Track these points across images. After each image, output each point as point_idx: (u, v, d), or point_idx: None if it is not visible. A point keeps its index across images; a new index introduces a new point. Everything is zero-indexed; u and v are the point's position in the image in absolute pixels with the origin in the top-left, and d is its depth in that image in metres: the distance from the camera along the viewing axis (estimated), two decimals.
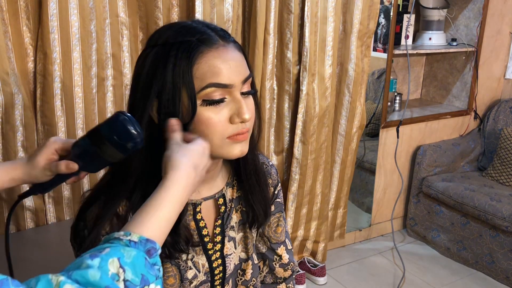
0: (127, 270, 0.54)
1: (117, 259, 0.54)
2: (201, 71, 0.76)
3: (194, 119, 0.77)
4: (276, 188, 1.05)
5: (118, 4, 1.69)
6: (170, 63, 0.76)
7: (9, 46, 1.52)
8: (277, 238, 1.08)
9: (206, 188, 0.91)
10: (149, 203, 0.64)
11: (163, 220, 0.63)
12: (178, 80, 0.75)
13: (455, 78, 2.92)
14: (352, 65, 2.21)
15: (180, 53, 0.76)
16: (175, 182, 0.67)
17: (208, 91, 0.76)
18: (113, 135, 0.72)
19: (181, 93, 0.76)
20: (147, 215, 0.62)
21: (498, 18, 2.82)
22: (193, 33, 0.78)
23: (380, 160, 2.71)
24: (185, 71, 0.75)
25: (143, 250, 0.57)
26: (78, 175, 0.82)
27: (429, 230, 2.77)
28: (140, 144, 0.73)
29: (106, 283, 0.52)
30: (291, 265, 1.10)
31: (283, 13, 1.99)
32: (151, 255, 0.58)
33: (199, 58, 0.76)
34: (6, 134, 1.58)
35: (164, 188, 0.66)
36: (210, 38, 0.77)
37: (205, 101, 0.76)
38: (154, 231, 0.61)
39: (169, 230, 0.66)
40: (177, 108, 0.76)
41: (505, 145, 2.71)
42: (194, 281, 0.91)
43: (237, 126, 0.79)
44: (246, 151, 0.82)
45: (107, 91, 1.75)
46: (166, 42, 0.77)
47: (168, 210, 0.65)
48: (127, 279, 0.54)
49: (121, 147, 0.73)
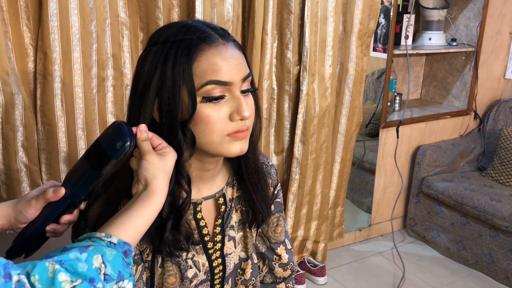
0: (107, 266, 0.63)
1: (100, 256, 0.63)
2: (201, 69, 0.76)
3: (194, 116, 0.77)
4: (276, 188, 1.05)
5: (118, 4, 1.69)
6: (170, 60, 0.76)
7: (9, 46, 1.52)
8: (277, 237, 1.08)
9: (206, 187, 0.91)
10: (130, 211, 0.72)
11: (139, 228, 0.71)
12: (178, 78, 0.76)
13: (455, 78, 2.92)
14: (353, 64, 2.21)
15: (180, 50, 0.76)
16: (155, 196, 0.74)
17: (208, 88, 0.76)
18: (107, 138, 0.74)
19: (181, 90, 0.76)
20: (125, 221, 0.70)
21: (498, 18, 2.82)
22: (193, 31, 0.78)
23: (380, 160, 2.71)
24: (185, 68, 0.76)
25: (121, 251, 0.66)
26: (71, 211, 0.81)
27: (429, 230, 2.77)
28: (131, 142, 0.73)
29: (92, 274, 0.60)
30: (290, 264, 1.11)
31: (283, 13, 1.99)
32: (127, 255, 0.67)
33: (199, 55, 0.76)
34: (6, 134, 1.58)
35: (146, 202, 0.73)
36: (210, 36, 0.78)
37: (205, 98, 0.77)
38: (130, 236, 0.69)
39: (141, 236, 0.72)
40: (177, 105, 0.77)
41: (505, 145, 2.71)
42: (194, 280, 0.91)
43: (237, 123, 0.79)
44: (245, 149, 0.83)
45: (107, 91, 1.75)
46: (167, 40, 0.78)
47: (145, 219, 0.72)
48: (107, 273, 0.63)
49: (113, 149, 0.73)
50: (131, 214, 0.71)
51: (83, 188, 0.77)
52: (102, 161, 0.74)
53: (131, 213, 0.71)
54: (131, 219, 0.70)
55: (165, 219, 0.82)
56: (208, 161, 0.86)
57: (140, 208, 0.72)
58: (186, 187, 0.83)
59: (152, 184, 0.74)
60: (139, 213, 0.71)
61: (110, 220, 0.71)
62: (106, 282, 0.62)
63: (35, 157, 1.65)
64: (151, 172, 0.74)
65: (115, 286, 0.63)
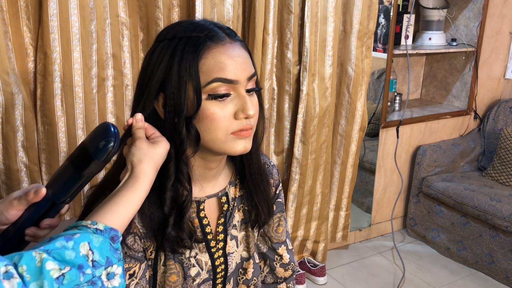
0: (95, 253, 0.63)
1: (87, 243, 0.63)
2: (207, 66, 0.77)
3: (200, 114, 0.78)
4: (277, 188, 1.05)
5: (118, 4, 1.69)
6: (177, 56, 0.77)
7: (9, 46, 1.52)
8: (278, 238, 1.08)
9: (209, 186, 0.91)
10: (115, 197, 0.71)
11: (126, 213, 0.71)
12: (184, 73, 0.77)
13: (455, 78, 2.92)
14: (352, 65, 2.21)
15: (187, 47, 0.77)
16: (141, 182, 0.73)
17: (213, 85, 0.77)
18: (91, 139, 0.73)
19: (187, 86, 0.77)
20: (111, 207, 0.70)
21: (498, 18, 2.82)
22: (201, 29, 0.79)
23: (380, 160, 2.71)
24: (191, 65, 0.76)
25: (108, 237, 0.66)
26: (53, 215, 0.79)
27: (429, 230, 2.77)
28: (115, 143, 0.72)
29: (80, 261, 0.61)
30: (291, 265, 1.10)
31: (283, 13, 1.99)
32: (114, 241, 0.67)
33: (206, 53, 0.77)
34: (7, 134, 1.58)
35: (131, 187, 0.73)
36: (218, 35, 0.79)
37: (211, 96, 0.77)
38: (116, 221, 0.69)
39: (129, 221, 0.72)
40: (182, 101, 0.77)
41: (505, 145, 2.71)
42: (197, 279, 0.91)
43: (241, 122, 0.80)
44: (249, 148, 0.83)
45: (107, 91, 1.75)
46: (174, 37, 0.79)
47: (131, 204, 0.72)
48: (95, 260, 0.63)
49: (95, 148, 0.72)
50: (116, 200, 0.71)
51: (64, 189, 0.75)
52: (85, 162, 0.72)
53: (116, 199, 0.71)
54: (117, 205, 0.70)
55: (168, 214, 0.82)
56: (211, 160, 0.87)
57: (125, 194, 0.72)
58: (186, 184, 0.83)
59: (136, 168, 0.73)
60: (124, 199, 0.71)
61: (97, 207, 0.71)
62: (94, 268, 0.62)
63: (35, 157, 1.65)
64: (137, 157, 0.74)
65: (104, 272, 0.63)
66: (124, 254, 0.83)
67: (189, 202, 0.84)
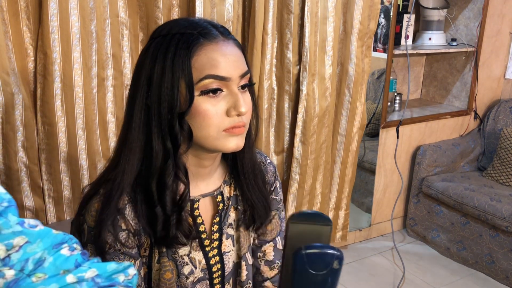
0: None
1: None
2: (200, 63, 0.78)
3: (192, 110, 0.79)
4: (273, 186, 1.03)
5: (118, 4, 1.69)
6: (170, 52, 0.78)
7: (9, 46, 1.52)
8: (266, 235, 1.05)
9: (203, 184, 0.92)
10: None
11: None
12: (177, 69, 0.77)
13: (455, 78, 2.92)
14: (353, 65, 2.21)
15: (180, 43, 0.78)
16: None
17: (206, 82, 0.78)
18: None
19: (180, 82, 0.78)
20: None
21: (498, 18, 2.82)
22: (195, 27, 0.80)
23: (380, 160, 2.71)
24: (184, 61, 0.77)
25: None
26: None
27: (429, 230, 2.77)
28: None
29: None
30: (277, 263, 1.06)
31: (283, 13, 1.99)
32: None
33: (199, 49, 0.78)
34: (7, 134, 1.58)
35: None
36: (211, 33, 0.80)
37: (203, 92, 0.78)
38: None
39: None
40: (175, 97, 0.78)
41: (505, 145, 2.71)
42: (190, 277, 0.91)
43: (234, 119, 0.80)
44: (241, 145, 0.83)
45: (107, 91, 1.75)
46: (168, 33, 0.80)
47: None
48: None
49: None
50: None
51: None
52: None
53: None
54: None
55: (169, 214, 0.83)
56: (205, 157, 0.87)
57: None
58: (184, 178, 0.84)
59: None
60: None
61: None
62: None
63: (35, 157, 1.65)
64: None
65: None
66: (118, 251, 0.83)
67: (188, 194, 0.84)
